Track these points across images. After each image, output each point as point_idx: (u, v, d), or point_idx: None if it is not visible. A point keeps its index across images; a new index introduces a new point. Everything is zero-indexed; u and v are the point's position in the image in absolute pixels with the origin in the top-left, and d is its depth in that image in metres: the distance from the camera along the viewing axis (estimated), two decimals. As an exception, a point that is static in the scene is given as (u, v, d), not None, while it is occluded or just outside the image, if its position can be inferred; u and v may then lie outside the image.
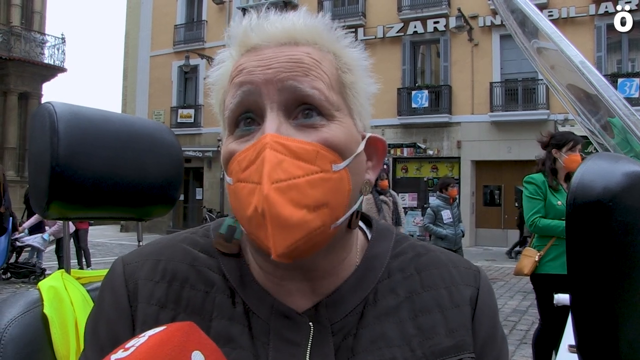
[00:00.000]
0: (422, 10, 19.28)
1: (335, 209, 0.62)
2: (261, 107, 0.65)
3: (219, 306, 0.68)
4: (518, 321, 6.85)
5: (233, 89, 0.68)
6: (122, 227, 23.26)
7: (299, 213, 0.59)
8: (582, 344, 0.47)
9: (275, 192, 0.59)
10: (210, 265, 0.72)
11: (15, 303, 0.90)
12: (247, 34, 0.69)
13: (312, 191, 0.60)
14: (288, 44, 0.67)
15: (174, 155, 1.13)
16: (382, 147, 0.75)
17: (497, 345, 0.75)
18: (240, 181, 0.63)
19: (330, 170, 0.62)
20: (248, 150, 0.63)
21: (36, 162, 0.99)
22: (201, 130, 23.36)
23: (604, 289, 0.45)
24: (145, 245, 0.77)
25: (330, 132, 0.65)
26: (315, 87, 0.65)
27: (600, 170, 0.47)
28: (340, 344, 0.67)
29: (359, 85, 0.72)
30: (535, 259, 3.69)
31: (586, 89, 0.88)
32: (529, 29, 1.03)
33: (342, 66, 0.70)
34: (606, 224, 0.45)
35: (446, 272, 0.75)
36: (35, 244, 9.63)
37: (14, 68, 20.96)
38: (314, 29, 0.69)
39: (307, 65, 0.66)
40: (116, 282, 0.71)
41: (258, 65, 0.66)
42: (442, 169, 19.32)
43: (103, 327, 0.70)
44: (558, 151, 3.73)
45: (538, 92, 17.74)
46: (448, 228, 6.95)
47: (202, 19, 24.06)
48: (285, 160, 0.60)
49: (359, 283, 0.71)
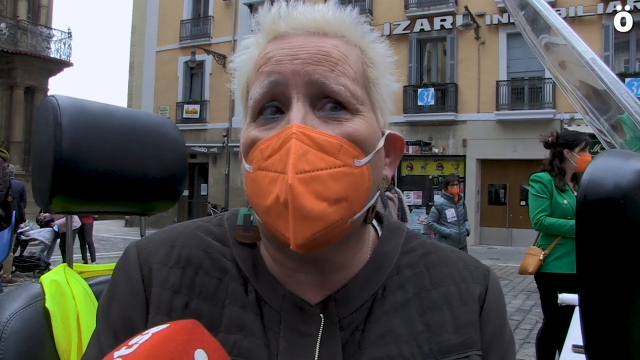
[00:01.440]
0: (429, 8, 19.22)
1: (353, 204, 0.63)
2: (287, 97, 0.65)
3: (232, 293, 0.68)
4: (522, 320, 6.84)
5: (261, 78, 0.67)
6: (127, 222, 23.37)
7: (320, 205, 0.59)
8: (590, 344, 0.46)
9: (299, 182, 0.59)
10: (224, 253, 0.72)
11: (17, 296, 0.90)
12: (276, 21, 0.68)
13: (334, 185, 0.60)
14: (317, 34, 0.67)
15: (178, 150, 1.13)
16: (400, 144, 0.75)
17: (504, 345, 0.74)
18: (261, 169, 0.63)
19: (352, 165, 0.62)
20: (272, 138, 0.63)
21: (40, 156, 0.99)
22: (206, 126, 23.40)
23: (613, 288, 0.44)
24: (159, 232, 0.76)
25: (354, 127, 0.65)
26: (341, 83, 0.65)
27: (611, 168, 0.46)
28: (348, 339, 0.67)
29: (381, 81, 0.72)
30: (540, 257, 3.66)
31: (596, 86, 0.86)
32: (538, 24, 1.02)
33: (367, 61, 0.71)
34: (617, 222, 0.44)
35: (456, 270, 0.75)
36: (41, 237, 9.66)
37: (21, 62, 21.04)
38: (343, 22, 0.69)
39: (334, 59, 0.66)
40: (131, 266, 0.71)
41: (286, 55, 0.66)
42: (447, 167, 19.27)
43: (116, 310, 0.70)
44: (570, 151, 3.68)
45: (544, 91, 17.67)
46: (452, 227, 6.92)
47: (208, 14, 24.07)
48: (310, 152, 0.60)
49: (369, 279, 0.71)
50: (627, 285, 0.44)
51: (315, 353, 0.65)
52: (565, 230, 3.60)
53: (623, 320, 0.45)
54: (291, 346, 0.65)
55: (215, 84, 22.58)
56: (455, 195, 7.17)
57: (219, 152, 22.99)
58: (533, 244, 3.85)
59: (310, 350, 0.65)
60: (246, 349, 0.64)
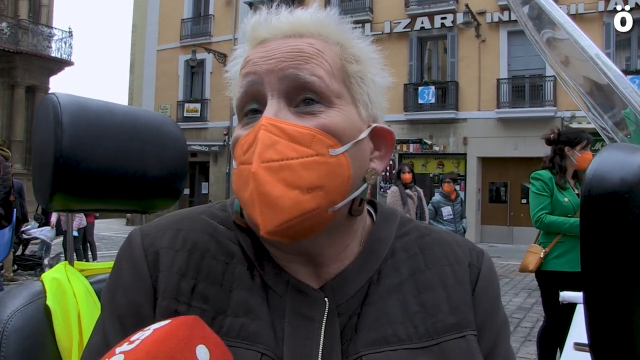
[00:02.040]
0: (430, 6, 19.20)
1: (331, 193, 0.64)
2: (263, 95, 0.68)
3: (239, 277, 0.69)
4: (523, 318, 6.83)
5: (240, 80, 0.70)
6: (128, 221, 23.36)
7: (291, 193, 0.61)
8: (595, 341, 0.45)
9: (264, 170, 0.61)
10: (230, 237, 0.73)
11: (18, 294, 0.90)
12: (256, 28, 0.72)
13: (306, 173, 0.62)
14: (293, 37, 0.70)
15: (179, 148, 1.13)
16: (390, 138, 0.76)
17: (497, 325, 0.75)
18: (242, 163, 0.65)
19: (326, 154, 0.64)
20: (249, 134, 0.66)
21: (40, 154, 0.99)
22: (207, 124, 23.41)
23: (618, 283, 0.44)
24: (162, 217, 0.77)
25: (328, 118, 0.66)
26: (315, 74, 0.67)
27: (616, 161, 0.45)
28: (346, 324, 0.68)
29: (366, 76, 0.73)
30: (541, 255, 3.65)
31: (599, 82, 0.86)
32: (541, 19, 1.01)
33: (347, 57, 0.72)
34: (622, 217, 0.43)
35: (450, 251, 0.76)
36: (42, 236, 9.66)
37: (22, 61, 21.02)
38: (320, 22, 0.72)
39: (308, 54, 0.68)
40: (135, 252, 0.71)
41: (262, 57, 0.69)
42: (448, 166, 19.27)
43: (122, 296, 0.69)
44: (571, 149, 3.67)
45: (545, 89, 17.64)
46: (448, 225, 6.95)
47: (209, 13, 24.06)
48: (279, 142, 0.63)
49: (364, 265, 0.72)
50: (632, 281, 0.44)
51: (320, 338, 0.65)
52: (565, 228, 3.59)
53: (628, 316, 0.44)
54: (296, 331, 0.66)
55: (215, 82, 22.57)
56: (452, 193, 7.18)
57: (220, 151, 22.99)
58: (534, 242, 3.84)
59: (315, 335, 0.66)
60: (253, 332, 0.64)
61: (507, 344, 0.76)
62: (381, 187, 19.41)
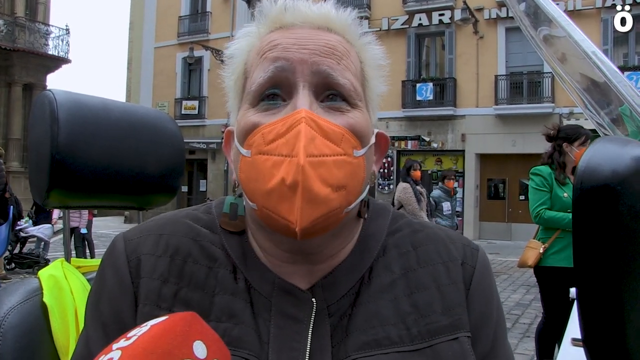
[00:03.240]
0: (428, 3, 19.17)
1: (351, 193, 0.64)
2: (292, 84, 0.66)
3: (222, 281, 0.68)
4: (521, 315, 6.85)
5: (265, 63, 0.68)
6: (126, 218, 23.35)
7: (325, 190, 0.61)
8: (588, 334, 0.46)
9: (309, 165, 0.60)
10: (213, 240, 0.72)
11: (15, 291, 0.90)
12: (282, 12, 0.70)
13: (337, 172, 0.62)
14: (322, 29, 0.70)
15: (176, 144, 1.13)
16: (385, 143, 0.77)
17: (493, 325, 0.73)
18: (262, 153, 0.63)
19: (351, 155, 0.64)
20: (277, 123, 0.63)
21: (36, 150, 0.99)
22: (205, 122, 23.37)
23: (610, 276, 0.44)
24: (147, 221, 0.76)
25: (355, 119, 0.67)
26: (346, 77, 0.67)
27: (608, 154, 0.45)
28: (337, 325, 0.66)
29: (373, 82, 0.75)
30: (540, 251, 3.65)
31: (596, 78, 0.86)
32: (537, 16, 1.01)
33: (363, 61, 0.73)
34: (614, 209, 0.43)
35: (443, 248, 0.74)
36: (40, 234, 9.65)
37: (18, 59, 20.95)
38: (345, 21, 0.72)
39: (340, 53, 0.68)
40: (118, 258, 0.71)
41: (294, 44, 0.67)
42: (446, 162, 19.27)
43: (106, 304, 0.69)
44: (569, 145, 3.66)
45: (543, 85, 17.65)
46: (447, 219, 6.97)
47: (206, 10, 24.01)
48: (317, 138, 0.62)
49: (355, 264, 0.71)
50: (623, 273, 0.44)
51: (308, 339, 0.64)
52: (564, 223, 3.59)
53: (620, 309, 0.44)
54: (282, 333, 0.65)
55: (213, 79, 22.48)
56: (452, 190, 7.23)
57: (218, 148, 22.93)
58: (533, 237, 3.85)
59: (302, 336, 0.65)
60: (236, 337, 0.64)
61: (505, 344, 0.75)
62: (379, 184, 19.43)
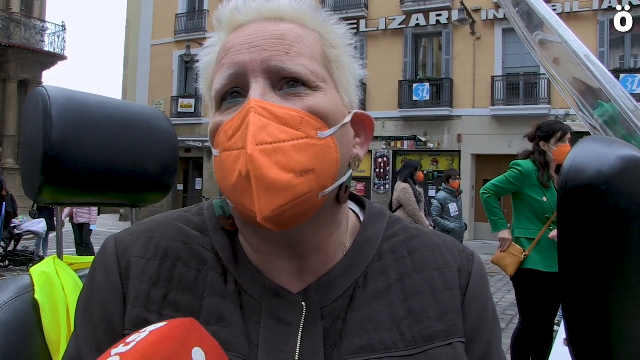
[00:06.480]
0: (425, 3, 19.18)
1: (322, 176, 0.63)
2: (247, 82, 0.66)
3: (211, 284, 0.68)
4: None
5: (222, 69, 0.68)
6: (121, 217, 23.28)
7: (286, 176, 0.59)
8: (572, 333, 0.46)
9: (260, 153, 0.59)
10: (203, 243, 0.72)
11: (6, 288, 0.89)
12: (234, 13, 0.71)
13: (298, 156, 0.61)
14: (272, 19, 0.69)
15: (169, 142, 1.12)
16: (370, 124, 0.76)
17: (488, 331, 0.73)
18: (226, 150, 0.63)
19: (315, 137, 0.63)
20: (234, 119, 0.64)
21: (29, 147, 0.98)
22: (201, 120, 23.32)
23: (594, 275, 0.44)
24: (139, 224, 0.76)
25: (314, 101, 0.66)
26: (299, 63, 0.66)
27: (593, 153, 0.45)
28: (330, 328, 0.66)
29: (343, 61, 0.73)
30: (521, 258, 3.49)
31: (589, 83, 0.86)
32: (532, 21, 1.01)
33: (326, 43, 0.72)
34: (598, 209, 0.43)
35: (439, 254, 0.74)
36: (36, 228, 9.59)
37: (14, 55, 20.88)
38: (299, 8, 0.71)
39: (289, 40, 0.67)
40: (108, 260, 0.71)
41: (243, 43, 0.67)
42: (442, 163, 19.29)
43: (95, 304, 0.69)
44: (546, 143, 3.49)
45: (539, 87, 17.69)
46: (455, 221, 6.88)
47: (203, 8, 23.95)
48: (270, 125, 0.61)
49: (350, 267, 0.71)
50: (607, 273, 0.44)
51: (297, 342, 0.64)
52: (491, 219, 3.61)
53: (604, 309, 0.44)
54: (272, 335, 0.64)
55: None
56: (457, 190, 7.15)
57: (214, 147, 22.91)
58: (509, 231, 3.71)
59: (291, 340, 0.64)
60: (225, 340, 0.63)
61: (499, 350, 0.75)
62: (375, 184, 19.43)
